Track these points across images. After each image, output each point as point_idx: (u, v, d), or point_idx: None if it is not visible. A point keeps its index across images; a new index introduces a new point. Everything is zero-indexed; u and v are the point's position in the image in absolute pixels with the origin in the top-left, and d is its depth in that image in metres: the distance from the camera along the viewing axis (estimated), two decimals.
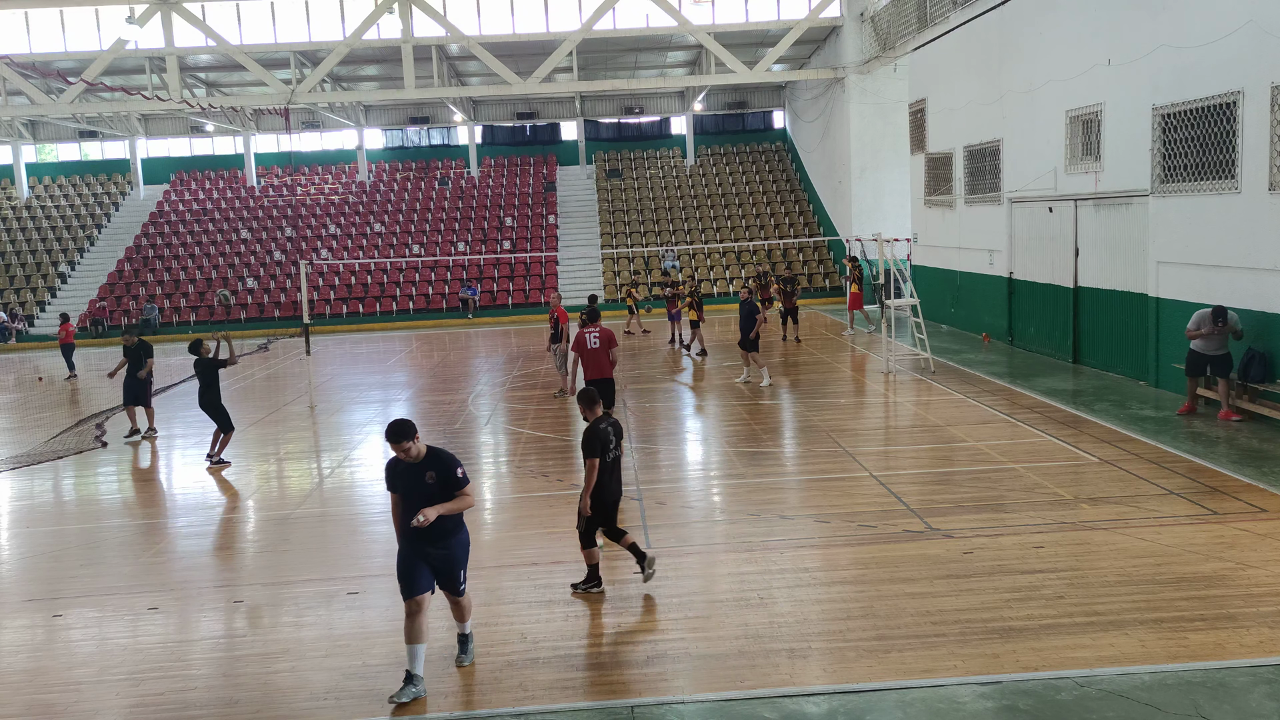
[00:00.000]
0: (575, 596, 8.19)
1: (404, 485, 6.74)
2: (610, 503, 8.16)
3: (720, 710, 6.22)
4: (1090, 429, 13.09)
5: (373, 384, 20.96)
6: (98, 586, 9.09)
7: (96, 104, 34.23)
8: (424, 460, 6.70)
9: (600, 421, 8.05)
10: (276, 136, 44.02)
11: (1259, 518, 9.25)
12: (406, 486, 6.72)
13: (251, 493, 12.30)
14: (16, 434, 17.07)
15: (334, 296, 35.41)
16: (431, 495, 6.62)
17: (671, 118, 44.33)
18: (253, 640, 7.70)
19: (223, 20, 32.96)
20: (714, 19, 33.75)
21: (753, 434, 14.00)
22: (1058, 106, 18.33)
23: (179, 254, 38.19)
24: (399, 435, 6.62)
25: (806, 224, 38.39)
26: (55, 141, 44.46)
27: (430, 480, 6.64)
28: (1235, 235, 13.50)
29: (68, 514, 11.98)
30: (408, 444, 6.62)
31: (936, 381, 17.26)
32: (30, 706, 6.74)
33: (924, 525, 9.47)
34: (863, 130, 32.16)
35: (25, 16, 33.39)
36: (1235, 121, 13.28)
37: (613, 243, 37.92)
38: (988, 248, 22.18)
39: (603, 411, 8.19)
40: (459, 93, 34.54)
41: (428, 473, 6.65)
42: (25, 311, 35.44)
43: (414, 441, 6.66)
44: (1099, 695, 6.12)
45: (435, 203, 41.02)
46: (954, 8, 23.19)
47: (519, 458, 13.29)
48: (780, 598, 7.90)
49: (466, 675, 6.85)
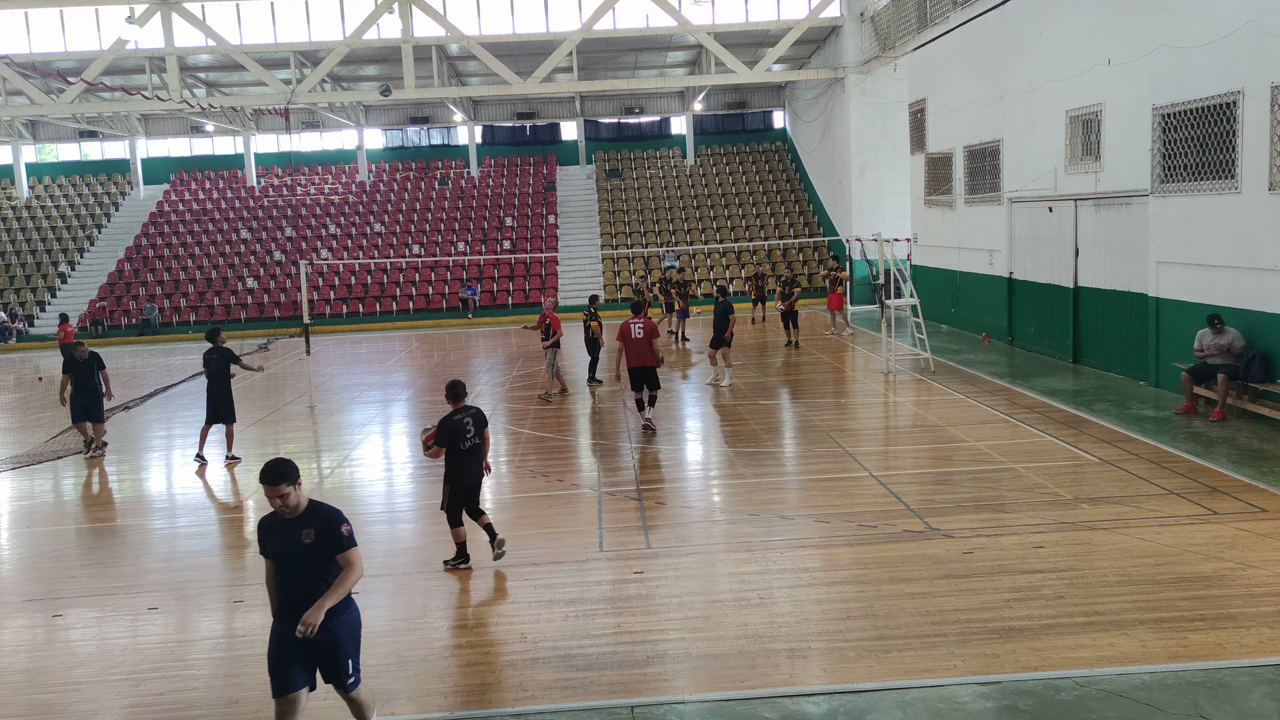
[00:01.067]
0: (446, 572, 8.89)
1: (275, 546, 5.48)
2: (470, 486, 8.86)
3: (720, 710, 6.21)
4: (1090, 429, 13.09)
5: (373, 384, 20.96)
6: (98, 586, 9.09)
7: (96, 104, 34.22)
8: (302, 515, 5.48)
9: (458, 414, 8.74)
10: (276, 136, 44.01)
11: (1259, 518, 9.25)
12: (278, 549, 5.47)
13: (251, 493, 12.29)
14: (16, 434, 17.08)
15: (334, 296, 35.41)
16: (310, 560, 5.42)
17: (671, 118, 44.32)
18: (253, 640, 7.70)
19: (223, 20, 32.96)
20: (714, 19, 33.75)
21: (753, 434, 14.00)
22: (1058, 106, 18.33)
23: (179, 254, 38.18)
24: (275, 478, 5.36)
25: (806, 224, 38.39)
26: (55, 141, 44.45)
27: (307, 540, 5.42)
28: (1235, 235, 13.50)
29: (68, 514, 11.98)
30: (286, 489, 5.38)
31: (936, 381, 17.26)
32: (30, 706, 6.74)
33: (924, 525, 9.47)
34: (863, 130, 32.16)
35: (25, 16, 33.38)
36: (1235, 121, 13.28)
37: (613, 243, 37.92)
38: (988, 248, 22.18)
39: (465, 404, 8.92)
40: (459, 93, 34.54)
41: (304, 530, 5.44)
42: (25, 311, 35.44)
43: (295, 488, 5.44)
44: (1099, 695, 6.13)
45: (435, 203, 41.02)
46: (954, 8, 23.19)
47: (519, 458, 13.29)
48: (780, 598, 7.90)
49: (466, 675, 6.85)
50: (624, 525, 10.03)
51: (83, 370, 14.69)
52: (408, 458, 14.05)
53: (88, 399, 14.69)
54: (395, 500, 11.87)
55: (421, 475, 12.77)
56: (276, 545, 5.48)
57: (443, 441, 8.64)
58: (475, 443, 8.80)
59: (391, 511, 11.34)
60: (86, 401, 14.70)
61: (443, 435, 8.64)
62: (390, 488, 12.44)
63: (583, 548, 9.37)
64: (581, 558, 9.07)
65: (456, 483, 8.74)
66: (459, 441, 8.66)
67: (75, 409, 14.71)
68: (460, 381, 9.01)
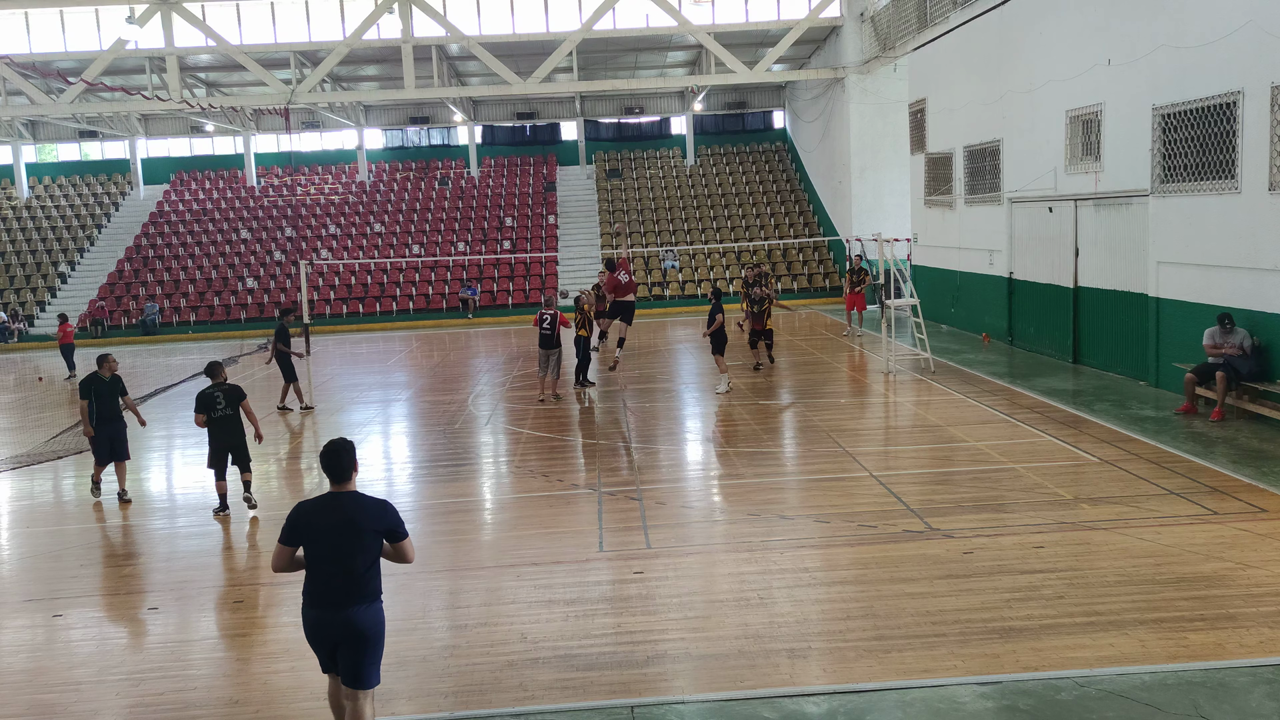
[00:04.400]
0: (216, 519, 10.99)
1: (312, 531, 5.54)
2: (221, 447, 11.10)
3: (720, 710, 6.21)
4: (1090, 429, 13.09)
5: (373, 384, 20.96)
6: (98, 586, 9.10)
7: (96, 104, 34.22)
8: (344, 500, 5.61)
9: (212, 389, 11.09)
10: (276, 136, 44.02)
11: (1259, 518, 9.25)
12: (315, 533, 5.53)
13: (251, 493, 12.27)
14: (16, 434, 17.07)
15: (334, 296, 35.41)
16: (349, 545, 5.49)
17: (671, 118, 44.32)
18: (253, 640, 7.70)
19: (223, 20, 32.95)
20: (714, 19, 33.74)
21: (753, 434, 14.00)
22: (1058, 106, 18.33)
23: (179, 254, 38.18)
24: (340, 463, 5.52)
25: (806, 224, 38.39)
26: (55, 141, 44.46)
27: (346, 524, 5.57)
28: (1235, 235, 13.49)
29: (68, 514, 11.97)
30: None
31: (936, 381, 17.26)
32: (30, 706, 6.74)
33: (924, 525, 9.47)
34: (863, 130, 32.15)
35: (25, 16, 33.37)
36: (1235, 121, 13.28)
37: (613, 243, 37.92)
38: (988, 248, 22.17)
39: (223, 380, 11.20)
40: (459, 93, 34.54)
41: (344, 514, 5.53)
42: (25, 311, 35.44)
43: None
44: (1099, 695, 6.12)
45: (435, 203, 41.02)
46: (954, 8, 23.19)
47: (519, 458, 13.29)
48: (780, 598, 7.90)
49: (466, 675, 6.85)
50: (624, 525, 10.03)
51: (107, 392, 11.82)
52: (407, 458, 14.05)
53: (113, 430, 11.81)
54: (395, 500, 11.79)
55: (421, 475, 12.77)
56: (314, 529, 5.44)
57: (200, 409, 11.03)
58: (227, 413, 11.06)
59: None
60: (112, 434, 11.80)
61: (199, 404, 11.05)
62: (390, 488, 12.44)
63: (583, 548, 9.38)
64: (581, 558, 9.08)
65: (214, 443, 11.07)
66: (210, 410, 11.01)
67: (100, 445, 11.77)
68: (217, 362, 11.31)
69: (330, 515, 5.43)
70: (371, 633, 5.44)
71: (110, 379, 11.81)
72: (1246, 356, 13.11)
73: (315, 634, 5.47)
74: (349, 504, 5.46)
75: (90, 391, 11.69)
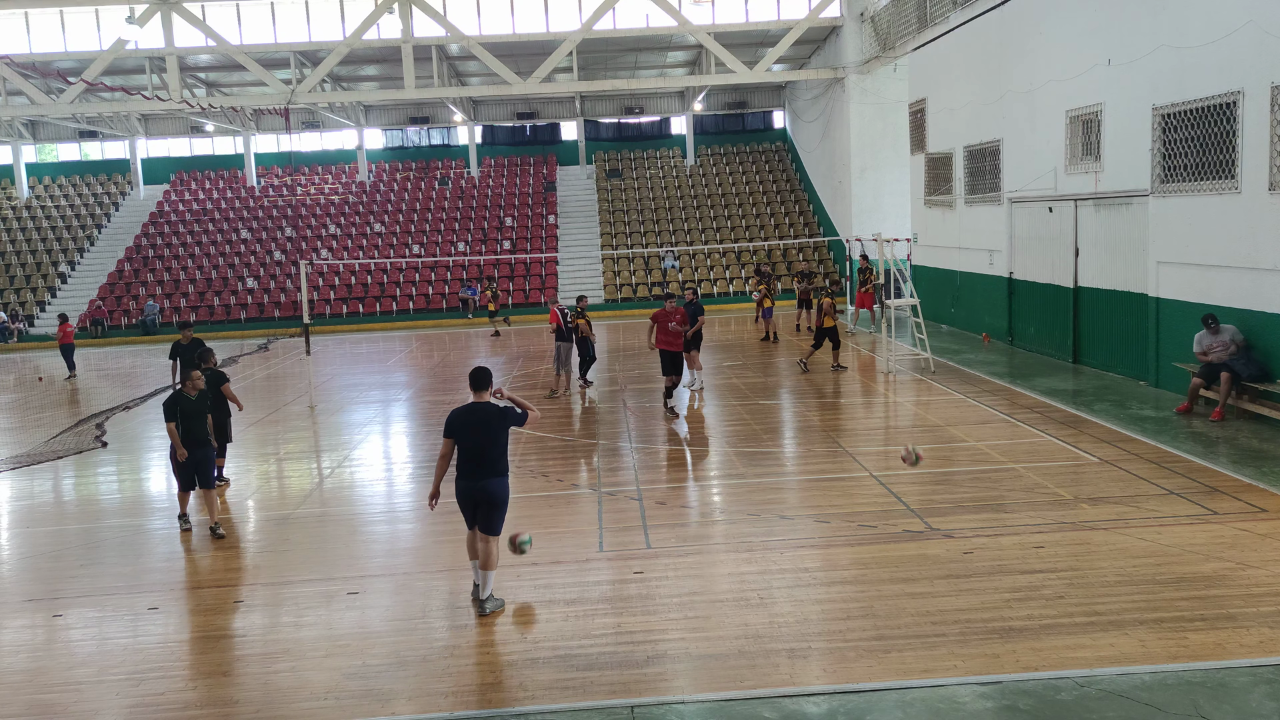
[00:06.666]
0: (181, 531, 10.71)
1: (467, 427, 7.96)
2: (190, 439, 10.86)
3: (720, 710, 6.21)
4: (1090, 429, 13.09)
5: (373, 384, 20.96)
6: (98, 586, 9.09)
7: (96, 104, 34.22)
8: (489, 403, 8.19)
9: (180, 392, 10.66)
10: (276, 136, 44.01)
11: (1259, 518, 9.25)
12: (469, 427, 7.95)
13: (251, 493, 12.29)
14: (16, 434, 17.07)
15: (334, 296, 35.41)
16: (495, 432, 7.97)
17: (671, 118, 44.32)
18: (253, 640, 7.70)
19: (223, 20, 32.95)
20: (714, 19, 33.73)
21: (753, 434, 14.00)
22: (1058, 106, 18.33)
23: (179, 254, 38.18)
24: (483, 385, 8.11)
25: (806, 224, 38.39)
26: (55, 141, 44.46)
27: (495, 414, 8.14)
28: (1235, 235, 13.50)
29: (68, 514, 11.98)
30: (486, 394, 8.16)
31: (936, 381, 17.26)
32: (30, 706, 6.74)
33: (924, 525, 9.47)
34: (863, 130, 32.15)
35: (25, 16, 33.38)
36: (1235, 121, 13.28)
37: (613, 243, 37.92)
38: (988, 248, 22.17)
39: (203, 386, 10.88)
40: (459, 93, 34.53)
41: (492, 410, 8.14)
42: (25, 311, 35.44)
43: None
44: (1099, 695, 6.13)
45: (435, 203, 41.01)
46: (954, 8, 23.19)
47: (519, 458, 13.28)
48: (780, 598, 7.90)
49: (466, 675, 6.85)
50: (624, 525, 10.03)
51: (196, 410, 10.51)
52: (407, 458, 14.05)
53: (201, 455, 10.48)
54: (395, 500, 11.87)
55: (421, 475, 12.77)
56: (465, 426, 7.82)
57: (169, 418, 10.48)
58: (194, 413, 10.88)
59: (391, 511, 11.34)
60: (199, 458, 10.47)
61: (165, 409, 10.60)
62: (390, 488, 12.44)
63: (583, 548, 9.38)
64: (581, 558, 9.08)
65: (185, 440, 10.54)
66: (174, 416, 10.53)
67: (184, 470, 10.47)
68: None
69: (473, 416, 7.87)
70: (499, 497, 7.88)
71: (197, 397, 10.57)
72: (1239, 353, 13.11)
73: (463, 498, 7.93)
74: (484, 409, 7.88)
75: (176, 412, 10.41)
